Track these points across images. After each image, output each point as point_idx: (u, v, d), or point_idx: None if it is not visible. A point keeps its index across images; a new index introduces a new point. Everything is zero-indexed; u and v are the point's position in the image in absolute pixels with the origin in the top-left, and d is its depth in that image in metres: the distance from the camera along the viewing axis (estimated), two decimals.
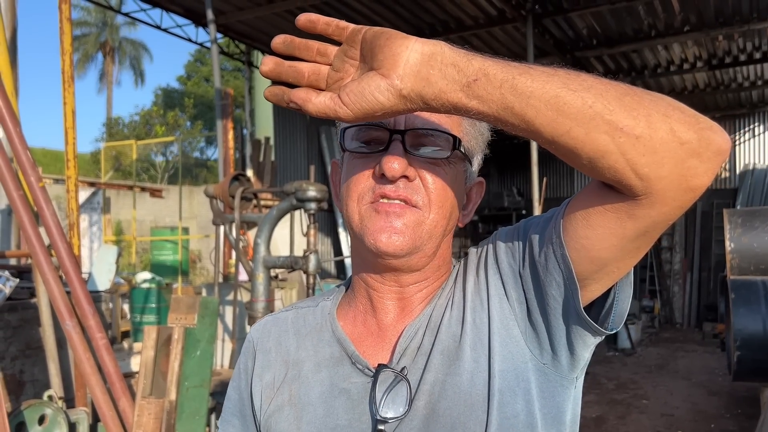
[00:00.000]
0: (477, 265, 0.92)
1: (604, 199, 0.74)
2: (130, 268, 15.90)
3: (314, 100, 0.75)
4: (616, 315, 0.84)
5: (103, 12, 32.91)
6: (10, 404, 3.96)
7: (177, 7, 9.74)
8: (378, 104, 0.72)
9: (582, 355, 0.87)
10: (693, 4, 8.73)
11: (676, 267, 14.35)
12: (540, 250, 0.83)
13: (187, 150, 32.22)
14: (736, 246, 6.47)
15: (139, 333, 8.96)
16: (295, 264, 4.24)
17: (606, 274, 0.79)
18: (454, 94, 0.70)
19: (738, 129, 14.35)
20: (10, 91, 4.21)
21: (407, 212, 0.85)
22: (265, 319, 1.06)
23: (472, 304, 0.89)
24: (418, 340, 0.90)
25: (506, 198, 15.00)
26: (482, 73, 0.69)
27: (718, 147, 0.67)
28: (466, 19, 9.40)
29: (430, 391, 0.86)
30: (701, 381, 8.39)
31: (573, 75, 0.69)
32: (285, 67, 0.76)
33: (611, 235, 0.75)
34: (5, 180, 3.62)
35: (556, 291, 0.81)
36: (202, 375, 3.63)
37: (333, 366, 0.93)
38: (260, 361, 1.00)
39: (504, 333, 0.86)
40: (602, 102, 0.67)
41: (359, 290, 0.96)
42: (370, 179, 0.87)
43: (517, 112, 0.69)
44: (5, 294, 3.92)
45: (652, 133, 0.66)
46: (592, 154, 0.68)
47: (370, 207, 0.86)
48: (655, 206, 0.70)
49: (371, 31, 0.74)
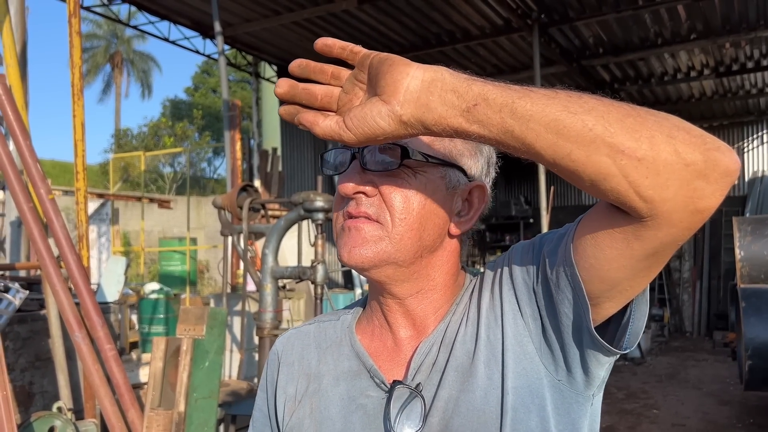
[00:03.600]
0: (492, 282, 0.92)
1: (611, 220, 0.73)
2: (139, 278, 15.95)
3: (321, 123, 0.78)
4: (632, 334, 0.83)
5: (113, 25, 33.23)
6: (20, 416, 3.97)
7: (185, 19, 9.82)
8: (379, 129, 0.74)
9: (596, 374, 0.86)
10: (699, 12, 8.72)
11: (686, 275, 14.27)
12: (552, 268, 0.82)
13: (195, 161, 32.38)
14: (746, 254, 6.43)
15: (147, 344, 8.98)
16: (303, 274, 4.25)
17: (619, 293, 0.79)
18: (454, 119, 0.71)
19: (746, 136, 14.30)
20: (21, 105, 4.25)
21: (366, 226, 0.88)
22: (289, 332, 1.09)
23: (487, 320, 0.89)
24: (432, 356, 0.90)
25: (514, 207, 14.96)
26: (482, 98, 0.69)
27: (725, 168, 0.66)
28: (473, 29, 9.43)
29: (444, 408, 0.86)
30: (712, 390, 8.32)
31: (574, 97, 0.69)
32: (299, 89, 0.79)
33: (620, 256, 0.74)
34: (16, 192, 3.65)
35: (567, 309, 0.81)
36: (210, 386, 3.63)
37: (351, 379, 0.94)
38: (284, 373, 1.03)
39: (518, 349, 0.86)
40: (603, 124, 0.66)
41: (374, 305, 0.98)
42: (342, 200, 0.92)
43: (517, 135, 0.69)
44: (15, 306, 3.94)
45: (655, 154, 0.65)
46: (594, 176, 0.68)
47: (342, 226, 0.91)
48: (662, 228, 0.69)
49: (377, 57, 0.76)
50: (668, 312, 13.55)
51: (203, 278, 17.35)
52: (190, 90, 39.58)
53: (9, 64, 4.37)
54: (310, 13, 8.74)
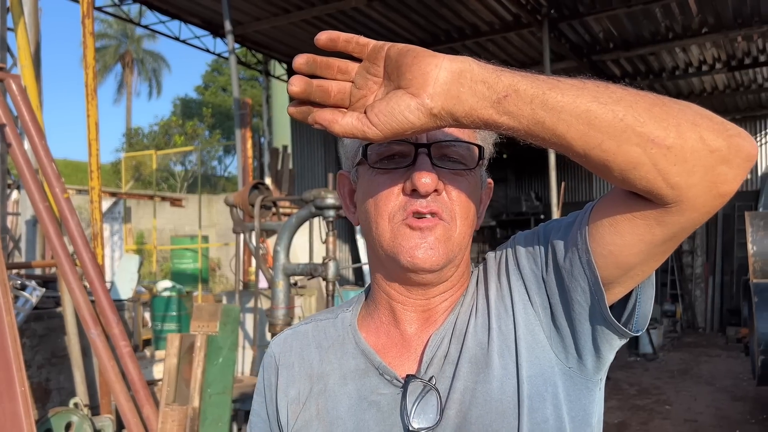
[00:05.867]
0: (498, 271, 0.92)
1: (631, 207, 0.74)
2: (151, 276, 16.05)
3: (341, 121, 0.75)
4: (640, 316, 0.85)
5: (123, 24, 33.40)
6: (37, 412, 4.03)
7: (195, 18, 9.87)
8: (408, 123, 0.72)
9: (607, 357, 0.88)
10: (711, 6, 8.65)
11: (698, 271, 14.17)
12: (564, 256, 0.83)
13: (206, 159, 32.51)
14: (759, 249, 6.39)
15: (160, 341, 9.05)
16: (314, 271, 4.27)
17: (630, 278, 0.81)
18: (484, 110, 0.70)
19: (759, 130, 14.16)
20: (35, 105, 4.30)
21: (438, 226, 0.85)
22: (285, 333, 1.06)
23: (497, 311, 0.89)
24: (444, 348, 0.89)
25: (524, 203, 14.91)
26: (512, 89, 0.69)
27: (747, 153, 0.68)
28: (482, 25, 9.41)
29: (461, 400, 0.85)
30: (725, 386, 8.27)
31: (602, 87, 0.69)
32: (314, 87, 0.75)
33: (639, 241, 0.75)
34: (32, 191, 3.70)
35: (581, 296, 0.82)
36: (224, 382, 3.66)
37: (359, 378, 0.92)
38: (284, 376, 0.99)
39: (530, 338, 0.86)
40: (633, 114, 0.67)
41: (381, 302, 0.95)
42: (400, 196, 0.86)
43: (549, 126, 0.69)
44: (32, 303, 3.99)
45: (683, 142, 0.67)
46: (624, 165, 0.69)
47: (403, 224, 0.85)
48: (685, 213, 0.71)
49: (395, 48, 0.73)
50: (681, 308, 13.47)
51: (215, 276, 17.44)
52: (200, 89, 39.70)
53: (24, 65, 4.42)
54: (320, 11, 8.75)
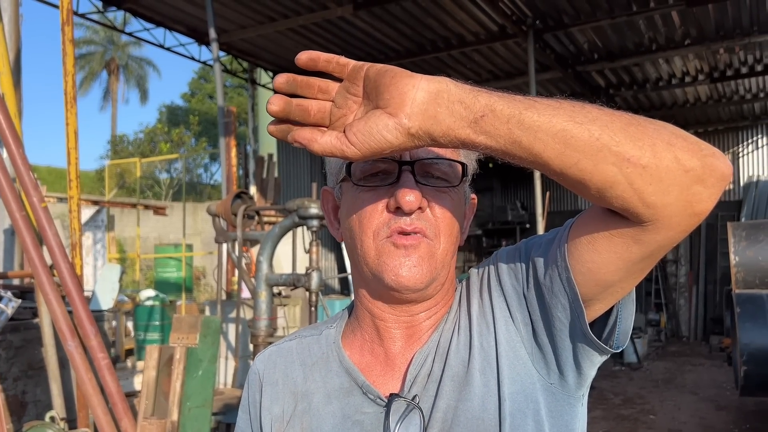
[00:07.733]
0: (480, 288, 0.92)
1: (609, 224, 0.75)
2: (134, 285, 15.90)
3: (320, 140, 0.75)
4: (621, 333, 0.85)
5: (110, 31, 33.23)
6: (12, 425, 3.94)
7: (180, 26, 9.81)
8: (386, 143, 0.72)
9: (589, 373, 0.88)
10: (693, 18, 8.75)
11: (682, 280, 14.28)
12: (545, 273, 0.83)
13: (191, 167, 32.34)
14: (741, 259, 6.43)
15: (143, 351, 8.95)
16: (297, 281, 4.24)
17: (610, 294, 0.81)
18: (462, 130, 0.71)
19: (741, 141, 14.35)
20: (14, 113, 4.24)
21: (422, 244, 0.85)
22: (269, 349, 1.05)
23: (479, 327, 0.89)
24: (428, 367, 0.89)
25: (510, 212, 14.98)
26: (489, 109, 0.70)
27: (721, 173, 0.69)
28: (468, 35, 9.45)
29: (443, 419, 0.85)
30: (709, 395, 8.32)
31: (578, 107, 0.70)
32: (293, 106, 0.76)
33: (617, 259, 0.76)
34: (8, 201, 3.64)
35: (561, 313, 0.82)
36: (204, 395, 3.61)
37: (343, 397, 0.92)
38: (268, 393, 0.99)
39: (512, 355, 0.86)
40: (608, 134, 0.68)
41: (364, 319, 0.95)
42: (384, 213, 0.86)
43: (525, 146, 0.70)
44: (7, 315, 3.92)
45: (658, 162, 0.68)
46: (601, 184, 0.69)
47: (387, 242, 0.85)
48: (661, 231, 0.72)
49: (374, 69, 0.74)
50: (665, 317, 13.56)
51: (199, 285, 17.31)
52: (186, 96, 39.54)
53: (2, 72, 4.36)
54: (306, 20, 8.74)
